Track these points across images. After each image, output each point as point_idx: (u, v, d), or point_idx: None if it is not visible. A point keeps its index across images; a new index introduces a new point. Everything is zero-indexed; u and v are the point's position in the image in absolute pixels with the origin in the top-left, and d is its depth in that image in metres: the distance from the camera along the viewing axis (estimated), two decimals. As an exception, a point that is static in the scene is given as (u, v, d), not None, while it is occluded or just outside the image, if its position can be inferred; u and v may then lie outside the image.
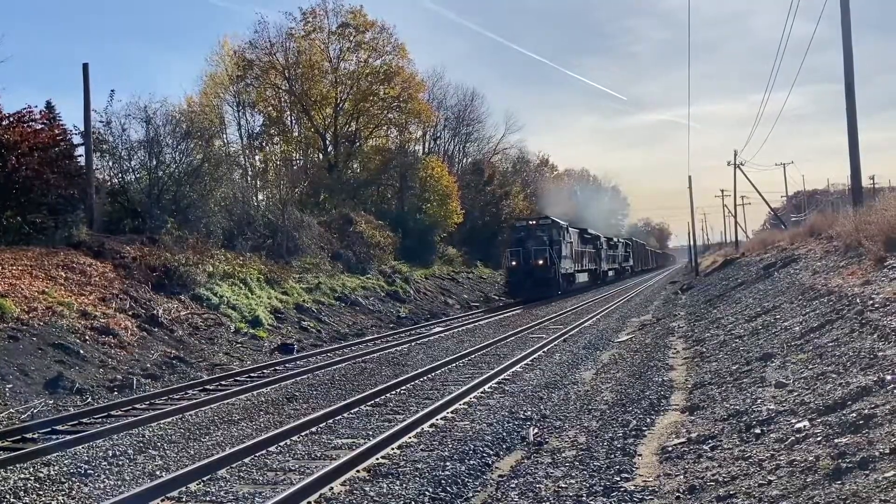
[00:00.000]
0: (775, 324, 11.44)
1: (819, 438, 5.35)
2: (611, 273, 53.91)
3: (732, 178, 50.68)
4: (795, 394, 6.83)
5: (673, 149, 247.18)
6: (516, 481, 6.30)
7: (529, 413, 9.13)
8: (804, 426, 5.74)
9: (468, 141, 54.32)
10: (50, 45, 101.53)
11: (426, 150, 49.19)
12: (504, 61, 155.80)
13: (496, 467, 6.94)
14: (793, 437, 5.60)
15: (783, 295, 14.41)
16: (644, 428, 7.65)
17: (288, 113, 41.32)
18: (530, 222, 35.83)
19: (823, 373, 7.12)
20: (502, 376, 12.10)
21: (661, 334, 16.55)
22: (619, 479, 6.01)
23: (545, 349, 15.50)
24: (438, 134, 51.42)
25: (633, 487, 5.75)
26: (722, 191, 70.08)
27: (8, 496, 6.55)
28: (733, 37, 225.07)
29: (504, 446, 7.65)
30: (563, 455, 6.98)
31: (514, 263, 33.19)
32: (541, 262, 32.72)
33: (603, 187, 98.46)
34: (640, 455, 6.68)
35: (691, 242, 61.44)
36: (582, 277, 40.75)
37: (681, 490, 5.38)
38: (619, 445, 7.08)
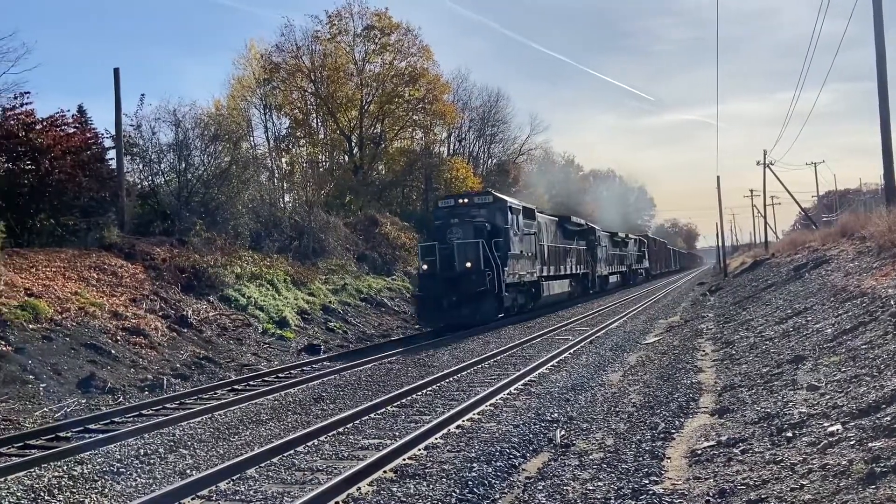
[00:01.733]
0: (807, 326, 11.26)
1: (852, 442, 5.26)
2: (614, 278, 42.70)
3: (762, 177, 50.03)
4: (828, 397, 6.73)
5: (700, 148, 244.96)
6: (543, 483, 6.28)
7: (556, 415, 9.08)
8: (837, 430, 5.64)
9: (493, 142, 54.30)
10: (80, 50, 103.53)
11: (451, 151, 49.23)
12: (528, 62, 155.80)
13: (523, 469, 6.92)
14: (825, 441, 5.51)
15: (814, 296, 14.18)
16: (672, 430, 7.58)
17: (314, 115, 41.64)
18: (460, 200, 23.01)
19: (857, 375, 6.99)
20: (528, 378, 12.05)
21: (689, 336, 16.37)
22: (647, 482, 5.96)
23: (571, 351, 15.42)
24: (463, 135, 51.46)
25: (661, 490, 5.70)
26: (751, 191, 69.42)
27: (43, 493, 6.69)
28: (758, 35, 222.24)
29: (531, 448, 7.62)
30: (591, 457, 6.94)
31: (425, 267, 20.97)
32: (468, 263, 20.24)
33: (629, 188, 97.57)
34: (668, 458, 6.62)
35: (719, 243, 60.68)
36: (557, 287, 28.35)
37: (711, 493, 5.32)
38: (647, 448, 7.02)
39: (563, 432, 8.08)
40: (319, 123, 42.18)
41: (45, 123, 20.05)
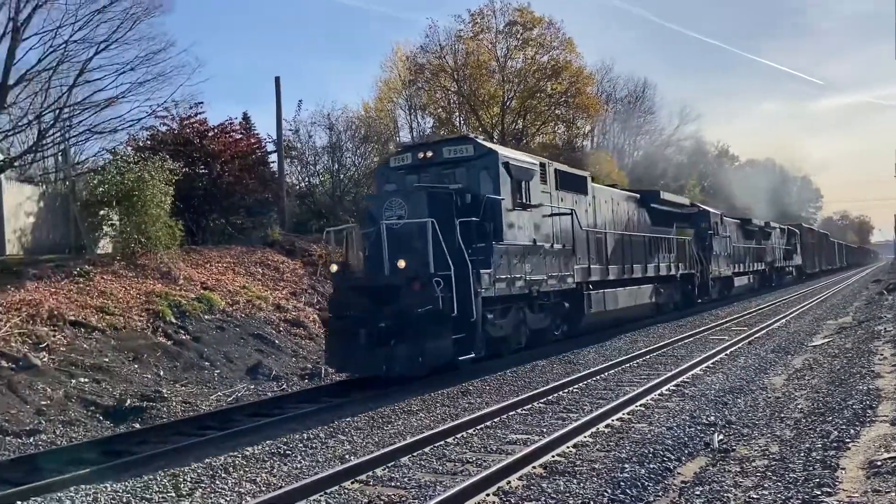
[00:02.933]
0: None
1: None
2: (743, 280, 31.98)
3: (949, 163, 44.71)
4: None
5: (874, 133, 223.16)
6: (701, 489, 6.02)
7: (713, 418, 8.65)
8: None
9: (639, 134, 52.63)
10: (242, 60, 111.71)
11: (595, 144, 48.26)
12: (676, 49, 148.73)
13: (678, 473, 6.66)
14: None
15: None
16: (847, 440, 6.99)
17: (457, 113, 42.27)
18: (420, 154, 13.62)
19: None
20: (681, 378, 11.57)
21: (863, 338, 15.02)
22: (819, 492, 5.54)
23: (727, 352, 14.63)
24: (607, 128, 50.26)
25: (836, 503, 5.28)
26: (935, 178, 62.21)
27: (220, 471, 7.30)
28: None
29: (686, 451, 7.31)
30: (753, 464, 6.56)
31: (334, 268, 12.54)
32: (402, 263, 11.27)
33: (791, 177, 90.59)
34: (843, 469, 6.12)
35: (897, 237, 54.97)
36: (623, 297, 18.34)
37: (895, 510, 4.87)
38: (817, 457, 6.53)
39: (720, 436, 7.69)
40: (462, 121, 42.78)
41: (215, 130, 21.90)
